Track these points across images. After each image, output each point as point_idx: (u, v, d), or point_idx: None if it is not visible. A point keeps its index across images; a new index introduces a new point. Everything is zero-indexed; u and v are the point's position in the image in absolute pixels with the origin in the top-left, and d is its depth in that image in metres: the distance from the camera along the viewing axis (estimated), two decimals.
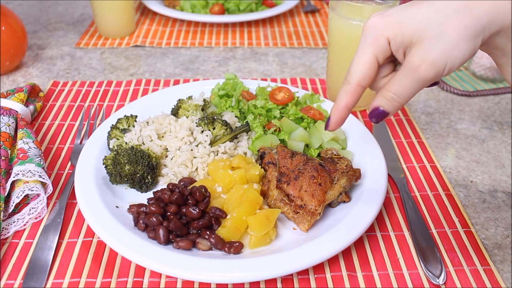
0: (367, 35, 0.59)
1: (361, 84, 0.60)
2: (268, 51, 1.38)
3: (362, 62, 0.59)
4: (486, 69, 1.18)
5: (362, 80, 0.59)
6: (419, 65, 0.55)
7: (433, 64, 0.54)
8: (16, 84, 1.18)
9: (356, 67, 0.59)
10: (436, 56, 0.54)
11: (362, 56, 0.59)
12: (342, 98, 0.61)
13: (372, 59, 0.59)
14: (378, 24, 0.58)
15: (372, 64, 0.59)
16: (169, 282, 0.68)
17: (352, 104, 0.61)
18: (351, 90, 0.60)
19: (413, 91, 0.58)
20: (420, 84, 0.57)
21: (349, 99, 0.61)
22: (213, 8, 1.52)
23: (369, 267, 0.71)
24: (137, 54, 1.35)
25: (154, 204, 0.72)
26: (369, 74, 0.59)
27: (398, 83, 0.58)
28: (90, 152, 0.85)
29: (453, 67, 0.55)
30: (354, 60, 0.60)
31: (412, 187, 0.86)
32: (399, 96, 0.58)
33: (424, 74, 0.55)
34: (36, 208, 0.76)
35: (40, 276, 0.67)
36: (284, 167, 0.79)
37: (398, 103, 0.59)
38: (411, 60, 0.56)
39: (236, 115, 0.94)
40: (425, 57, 0.54)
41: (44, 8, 1.68)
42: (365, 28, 0.59)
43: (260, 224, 0.71)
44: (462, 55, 0.54)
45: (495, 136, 1.01)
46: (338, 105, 0.62)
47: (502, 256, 0.73)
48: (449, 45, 0.53)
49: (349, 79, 0.60)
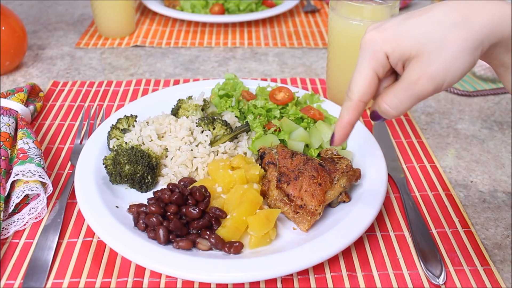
0: (365, 50, 0.58)
1: (363, 100, 0.59)
2: (268, 51, 1.38)
3: (362, 78, 0.59)
4: (486, 69, 1.18)
5: (363, 96, 0.59)
6: (417, 79, 0.54)
7: (431, 78, 0.54)
8: (16, 84, 1.18)
9: (356, 84, 0.59)
10: (435, 70, 0.54)
11: (361, 72, 0.59)
12: (345, 115, 0.61)
13: (371, 75, 0.58)
14: (376, 39, 0.57)
15: (372, 80, 0.58)
16: (169, 282, 0.68)
17: (354, 120, 0.61)
18: (352, 107, 0.60)
19: (409, 105, 0.57)
20: (418, 98, 0.56)
21: (351, 116, 0.61)
22: (213, 8, 1.52)
23: (369, 267, 0.70)
24: (137, 54, 1.35)
25: (154, 204, 0.72)
26: (369, 89, 0.59)
27: (394, 95, 0.57)
28: (90, 152, 0.85)
29: (453, 80, 0.54)
30: (354, 76, 0.60)
31: (412, 187, 0.86)
32: (394, 109, 0.58)
33: (422, 88, 0.55)
34: (36, 208, 0.76)
35: (40, 276, 0.67)
36: (284, 167, 0.79)
37: (393, 116, 0.59)
38: (409, 73, 0.55)
39: (236, 115, 0.94)
40: (423, 71, 0.54)
41: (44, 8, 1.68)
42: (363, 43, 0.59)
43: (260, 224, 0.71)
44: (462, 68, 0.54)
45: (495, 136, 1.01)
46: (341, 122, 0.62)
47: (502, 256, 0.73)
48: (448, 58, 0.53)
49: (350, 96, 0.60)
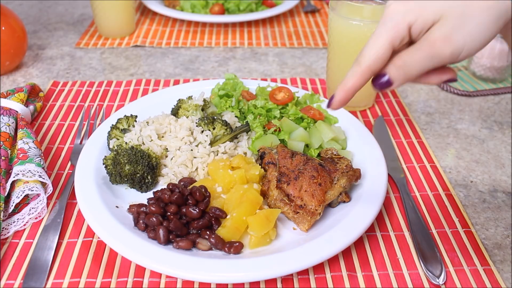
0: (387, 20, 0.57)
1: (372, 68, 0.58)
2: (268, 51, 1.38)
3: (377, 46, 0.57)
4: (486, 69, 1.18)
5: (374, 64, 0.57)
6: (435, 40, 0.53)
7: (450, 41, 0.53)
8: (16, 84, 1.18)
9: (369, 50, 0.58)
10: (455, 33, 0.52)
11: (377, 39, 0.57)
12: (350, 79, 0.59)
13: (387, 44, 0.57)
14: (399, 9, 0.56)
15: (387, 49, 0.57)
16: (169, 282, 0.68)
17: (359, 86, 0.59)
18: (360, 72, 0.58)
19: (423, 65, 0.55)
20: (433, 60, 0.55)
21: (356, 81, 0.59)
22: (213, 8, 1.52)
23: (369, 267, 0.70)
24: (137, 54, 1.35)
25: (154, 204, 0.72)
26: (382, 58, 0.57)
27: (411, 54, 0.56)
28: (90, 152, 0.85)
29: (472, 49, 0.53)
30: (369, 42, 0.58)
31: (412, 187, 0.86)
32: (408, 66, 0.56)
33: (438, 50, 0.54)
34: (36, 208, 0.76)
35: (40, 276, 0.67)
36: (284, 167, 0.79)
37: (405, 74, 0.57)
38: (429, 35, 0.54)
39: (236, 115, 0.94)
40: (443, 34, 0.53)
41: (44, 8, 1.68)
42: (386, 13, 0.57)
43: (260, 224, 0.71)
44: (483, 37, 0.53)
45: (495, 136, 1.01)
46: (345, 85, 0.60)
47: (502, 256, 0.73)
48: (470, 25, 0.52)
49: (360, 61, 0.58)
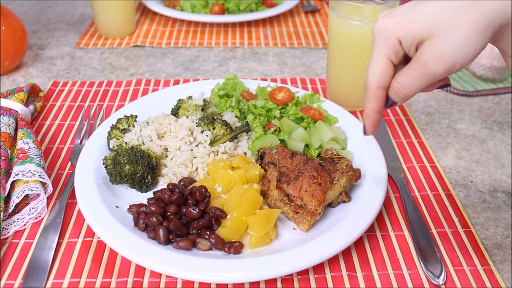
0: (377, 37, 0.59)
1: (380, 86, 0.60)
2: (268, 51, 1.38)
3: (376, 65, 0.60)
4: (486, 69, 1.18)
5: (380, 82, 0.60)
6: (427, 59, 0.55)
7: (442, 60, 0.54)
8: (16, 84, 1.18)
9: (372, 71, 0.60)
10: (445, 51, 0.54)
11: (375, 59, 0.60)
12: (368, 104, 0.62)
13: (386, 61, 0.59)
14: (387, 25, 0.58)
15: (387, 66, 0.59)
16: (169, 282, 0.68)
17: (379, 107, 0.62)
18: (373, 95, 0.61)
19: (420, 85, 0.58)
20: (428, 78, 0.57)
21: (373, 103, 0.62)
22: (213, 8, 1.52)
23: (369, 267, 0.70)
24: (137, 54, 1.35)
25: (154, 204, 0.72)
26: (385, 75, 0.60)
27: (406, 75, 0.58)
28: (90, 152, 0.85)
29: (465, 62, 0.55)
30: (369, 64, 0.61)
31: (412, 187, 0.86)
32: (405, 88, 0.59)
33: (432, 69, 0.55)
34: (36, 208, 0.76)
35: (40, 276, 0.67)
36: (284, 167, 0.79)
37: (404, 95, 0.60)
38: (420, 54, 0.56)
39: (236, 115, 0.94)
40: (434, 52, 0.54)
41: (44, 8, 1.68)
42: (375, 31, 0.60)
43: (260, 224, 0.71)
44: (473, 50, 0.54)
45: (495, 136, 1.01)
46: (367, 111, 0.63)
47: (502, 256, 0.73)
48: (459, 40, 0.53)
49: (368, 84, 0.61)
